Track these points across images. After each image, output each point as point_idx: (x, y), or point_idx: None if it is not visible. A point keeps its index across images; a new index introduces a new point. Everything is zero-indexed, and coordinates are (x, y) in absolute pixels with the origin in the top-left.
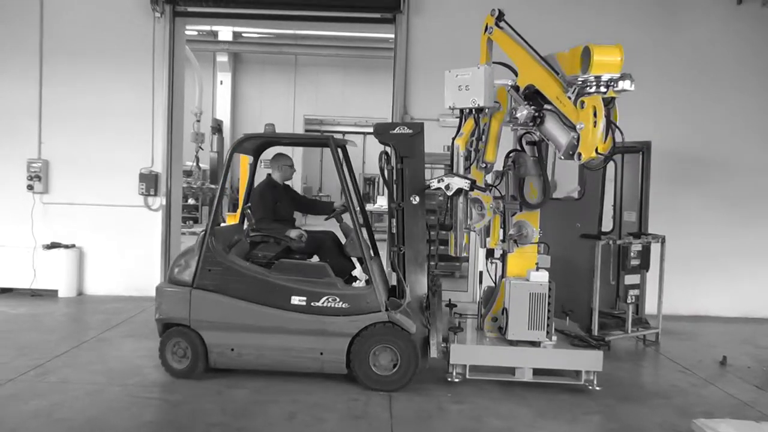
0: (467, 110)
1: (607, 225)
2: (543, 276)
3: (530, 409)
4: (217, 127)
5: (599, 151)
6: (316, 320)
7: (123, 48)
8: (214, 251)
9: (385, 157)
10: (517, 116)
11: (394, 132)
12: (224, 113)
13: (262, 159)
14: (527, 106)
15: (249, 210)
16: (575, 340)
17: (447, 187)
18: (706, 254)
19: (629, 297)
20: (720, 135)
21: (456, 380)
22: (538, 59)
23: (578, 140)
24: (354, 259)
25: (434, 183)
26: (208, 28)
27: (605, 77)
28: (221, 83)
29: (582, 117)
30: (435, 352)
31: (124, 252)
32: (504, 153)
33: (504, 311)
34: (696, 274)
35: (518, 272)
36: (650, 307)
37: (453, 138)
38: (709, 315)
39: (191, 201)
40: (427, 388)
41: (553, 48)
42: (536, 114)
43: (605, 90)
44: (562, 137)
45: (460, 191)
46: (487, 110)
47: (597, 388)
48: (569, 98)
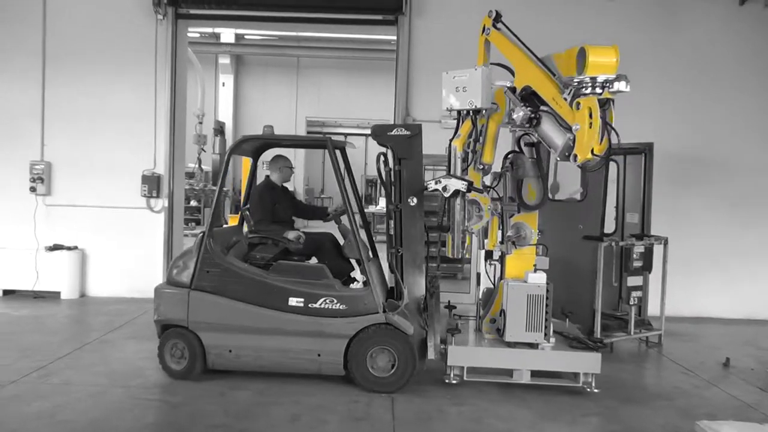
0: (465, 111)
1: (610, 226)
2: (541, 278)
3: (531, 411)
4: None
5: (595, 153)
6: (314, 322)
7: (125, 50)
8: (212, 253)
9: (383, 159)
10: (514, 117)
11: (392, 134)
12: (226, 115)
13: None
14: (524, 108)
15: (247, 211)
16: (573, 342)
17: (444, 189)
18: (707, 255)
19: (632, 299)
20: (720, 135)
21: (454, 382)
22: (535, 60)
23: (574, 141)
24: (353, 261)
25: (432, 184)
26: (211, 30)
27: (601, 78)
28: (223, 85)
29: (578, 118)
30: (432, 354)
31: (127, 254)
32: (502, 154)
33: (502, 313)
34: (697, 276)
35: (516, 274)
36: (653, 309)
37: (450, 139)
38: (711, 316)
39: (193, 203)
40: (428, 390)
41: (553, 49)
42: (532, 115)
43: (601, 91)
44: (558, 138)
45: (458, 193)
46: (485, 111)
47: (595, 391)
48: (565, 99)
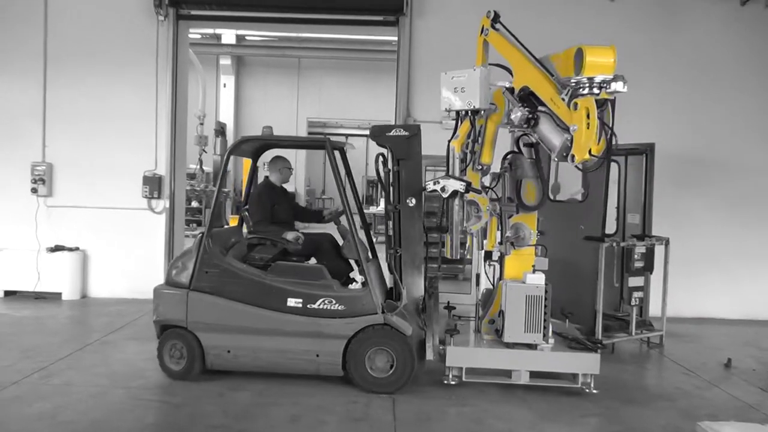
0: (463, 112)
1: (611, 227)
2: (539, 278)
3: (531, 412)
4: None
5: (593, 153)
6: (312, 322)
7: (127, 51)
8: (211, 253)
9: (382, 160)
10: (512, 118)
11: (390, 134)
12: (228, 116)
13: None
14: (521, 108)
15: (246, 212)
16: (572, 343)
17: (443, 190)
18: (708, 256)
19: (633, 299)
20: (720, 135)
21: (452, 383)
22: (533, 61)
23: (572, 142)
24: (352, 262)
25: (430, 185)
26: (212, 31)
27: (598, 79)
28: (224, 86)
29: (575, 119)
30: (431, 355)
31: (128, 255)
32: (501, 155)
33: (501, 314)
34: (698, 276)
35: (515, 274)
36: (654, 310)
37: (449, 140)
38: (712, 317)
39: (195, 204)
40: (428, 391)
41: (553, 49)
42: (530, 116)
43: (598, 91)
44: (556, 139)
45: (456, 193)
46: (483, 112)
47: (594, 391)
48: (563, 100)
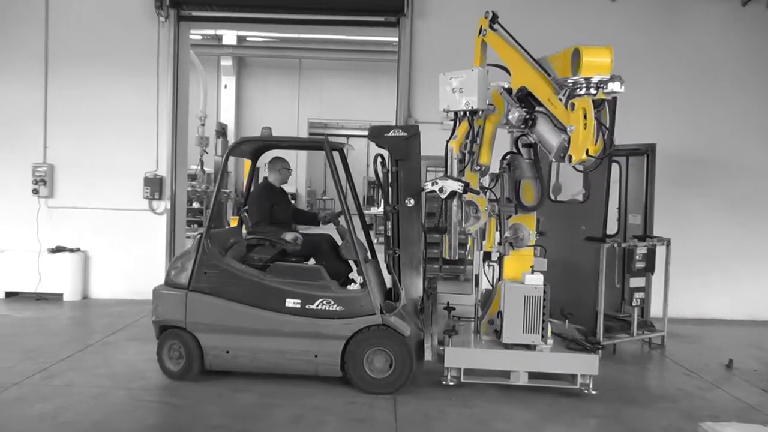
0: (461, 113)
1: (612, 228)
2: (538, 279)
3: (533, 413)
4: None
5: (590, 154)
6: (311, 323)
7: (128, 52)
8: (210, 254)
9: (381, 160)
10: (510, 118)
11: (389, 135)
12: (229, 117)
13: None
14: (519, 109)
15: (246, 213)
16: (571, 344)
17: (441, 190)
18: (709, 257)
19: (634, 300)
20: (721, 136)
21: (451, 383)
22: (530, 61)
23: (569, 142)
24: (351, 262)
25: (428, 186)
26: (213, 32)
27: (595, 79)
28: (225, 87)
29: (572, 119)
30: (429, 355)
31: (129, 255)
32: (501, 155)
33: (499, 314)
34: (700, 277)
35: (514, 275)
36: (655, 310)
37: (447, 141)
38: (714, 318)
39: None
40: (428, 392)
41: (554, 49)
42: (528, 116)
43: (595, 92)
44: (553, 139)
45: (454, 194)
46: (482, 112)
47: (593, 392)
48: (560, 100)
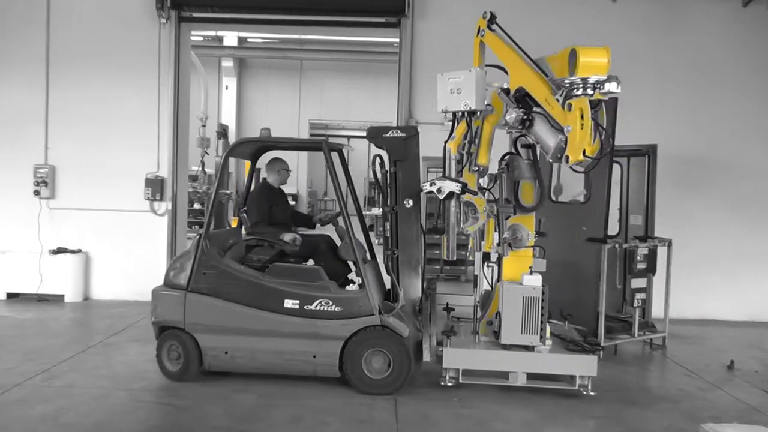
0: (460, 113)
1: (613, 228)
2: (536, 280)
3: (534, 413)
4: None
5: (587, 154)
6: (309, 323)
7: (129, 53)
8: (209, 255)
9: (380, 161)
10: (507, 119)
11: (387, 136)
12: (229, 118)
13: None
14: (516, 109)
15: (245, 214)
16: (570, 345)
17: (439, 191)
18: (711, 257)
19: (636, 301)
20: (721, 136)
21: (449, 384)
22: (528, 62)
23: (566, 143)
24: (350, 263)
25: (426, 186)
26: (214, 34)
27: (592, 79)
28: (226, 88)
29: (569, 120)
30: (428, 356)
31: (130, 256)
32: (500, 156)
33: (498, 315)
34: (701, 278)
35: (513, 276)
36: (656, 311)
37: (445, 141)
38: (715, 319)
39: (197, 206)
40: (426, 392)
41: (553, 50)
42: (525, 117)
43: (592, 92)
44: (551, 140)
45: (452, 195)
46: (480, 113)
47: (591, 394)
48: (557, 101)
